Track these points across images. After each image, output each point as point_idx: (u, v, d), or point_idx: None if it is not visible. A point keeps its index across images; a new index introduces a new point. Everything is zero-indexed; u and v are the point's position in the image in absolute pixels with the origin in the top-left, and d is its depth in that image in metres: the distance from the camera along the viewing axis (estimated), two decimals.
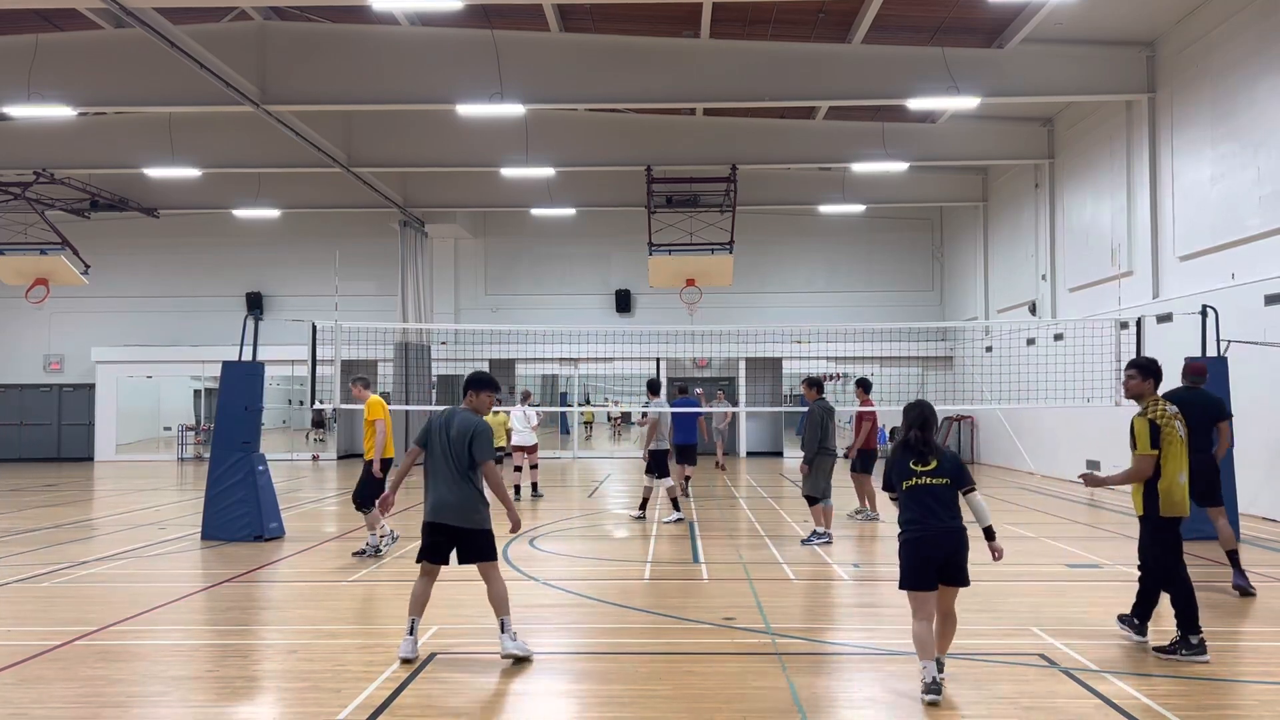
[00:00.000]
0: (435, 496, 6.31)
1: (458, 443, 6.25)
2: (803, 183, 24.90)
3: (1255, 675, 5.96)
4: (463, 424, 6.31)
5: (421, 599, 6.37)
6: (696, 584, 8.95)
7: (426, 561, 6.40)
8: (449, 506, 6.25)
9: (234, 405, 11.94)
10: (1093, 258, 18.80)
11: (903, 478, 5.56)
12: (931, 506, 5.46)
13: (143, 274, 28.39)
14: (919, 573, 5.45)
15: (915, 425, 5.64)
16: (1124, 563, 9.65)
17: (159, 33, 13.67)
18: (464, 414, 6.40)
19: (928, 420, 5.67)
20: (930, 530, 5.43)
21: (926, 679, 5.35)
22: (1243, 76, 14.19)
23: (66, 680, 5.89)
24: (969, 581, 5.51)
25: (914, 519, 5.50)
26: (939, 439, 5.75)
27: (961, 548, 5.47)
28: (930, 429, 5.65)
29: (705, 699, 5.46)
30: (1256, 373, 12.87)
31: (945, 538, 5.43)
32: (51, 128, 20.54)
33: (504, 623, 6.25)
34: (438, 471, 6.31)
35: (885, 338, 24.98)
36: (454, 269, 28.64)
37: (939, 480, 5.50)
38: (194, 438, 28.07)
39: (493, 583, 6.32)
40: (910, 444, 5.61)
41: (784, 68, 16.93)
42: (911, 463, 5.55)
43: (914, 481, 5.52)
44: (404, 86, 16.91)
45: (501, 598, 6.31)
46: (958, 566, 5.45)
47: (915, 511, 5.50)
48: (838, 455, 11.50)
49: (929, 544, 5.43)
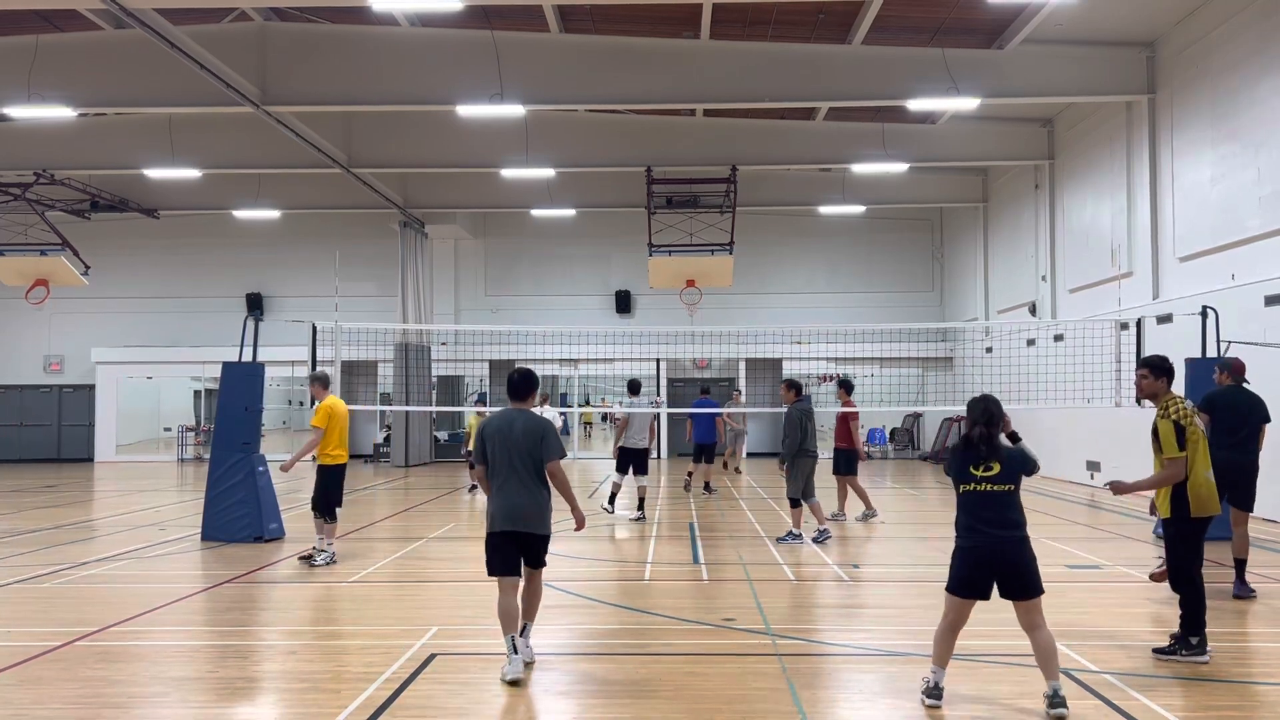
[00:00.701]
0: (508, 503, 6.01)
1: (527, 444, 6.04)
2: (803, 183, 24.90)
3: (1255, 675, 5.96)
4: (529, 424, 6.11)
5: (513, 614, 5.98)
6: (696, 584, 8.95)
7: (507, 576, 6.04)
8: (526, 513, 6.01)
9: (234, 406, 11.94)
10: (1093, 258, 18.79)
11: (960, 481, 5.23)
12: (988, 515, 5.12)
13: (143, 274, 28.38)
14: (968, 582, 5.17)
15: (980, 421, 5.23)
16: (1124, 564, 9.66)
17: (159, 33, 13.67)
18: (525, 414, 6.21)
19: (994, 416, 5.25)
20: (986, 541, 5.12)
21: (931, 683, 5.26)
22: (1243, 77, 14.19)
23: (66, 681, 5.88)
24: (1041, 589, 5.14)
25: (969, 527, 5.19)
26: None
27: (1022, 558, 5.11)
28: (996, 425, 5.25)
29: (705, 699, 5.46)
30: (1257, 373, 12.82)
31: (1002, 550, 5.10)
32: (51, 128, 20.53)
33: (525, 627, 6.20)
34: (507, 478, 6.03)
35: (885, 338, 24.99)
36: (454, 270, 28.64)
37: (1000, 486, 5.13)
38: (194, 438, 28.07)
39: (539, 588, 6.30)
40: (973, 442, 5.22)
41: (784, 68, 16.93)
42: (971, 466, 5.19)
43: (971, 487, 5.18)
44: (404, 87, 16.91)
45: (537, 603, 6.30)
46: (1020, 579, 5.09)
47: (970, 519, 5.18)
48: (818, 456, 11.56)
49: (984, 556, 5.13)
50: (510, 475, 6.03)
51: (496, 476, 6.07)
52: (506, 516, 6.01)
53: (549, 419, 6.36)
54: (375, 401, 25.56)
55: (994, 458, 5.17)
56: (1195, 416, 6.39)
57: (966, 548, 5.21)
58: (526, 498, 6.02)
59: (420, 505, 15.82)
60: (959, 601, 5.24)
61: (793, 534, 11.23)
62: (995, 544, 5.12)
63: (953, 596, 5.25)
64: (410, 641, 6.70)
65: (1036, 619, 5.12)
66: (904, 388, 26.86)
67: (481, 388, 29.02)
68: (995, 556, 5.12)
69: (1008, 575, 5.11)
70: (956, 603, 5.24)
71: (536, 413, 6.34)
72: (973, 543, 5.18)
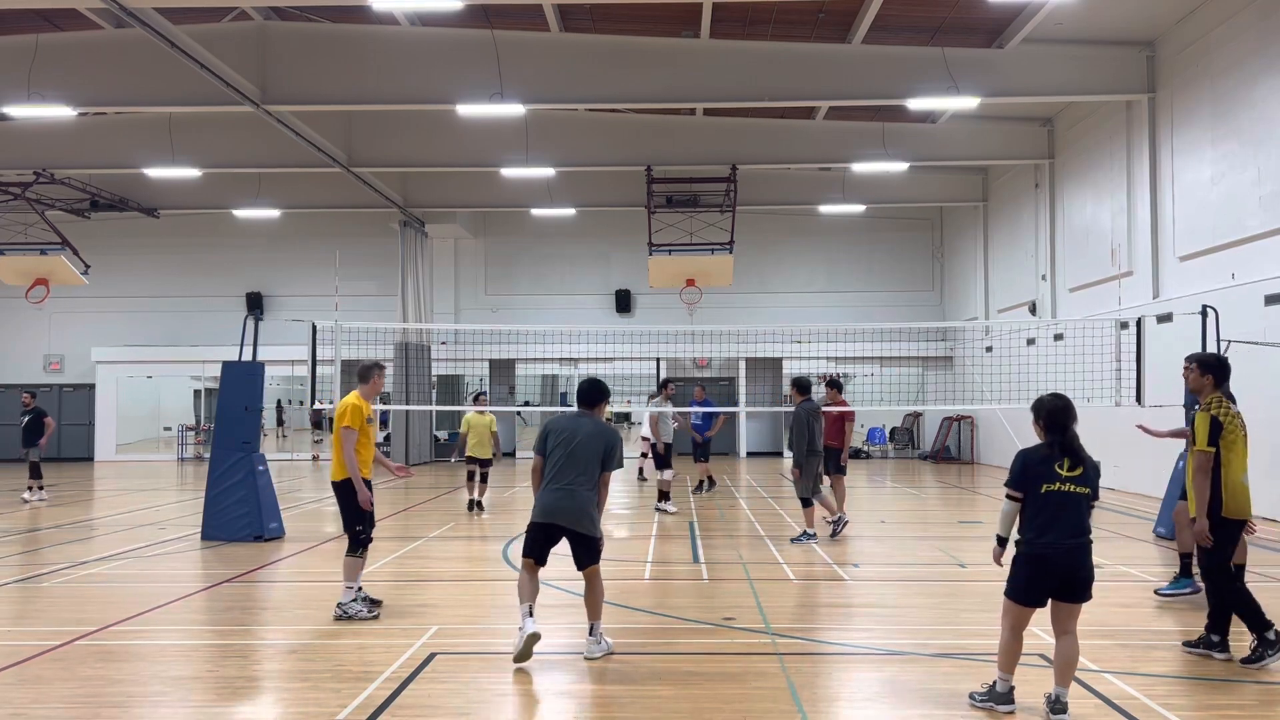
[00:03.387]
0: (552, 499, 6.26)
1: (593, 448, 6.27)
2: (803, 183, 24.90)
3: (1255, 675, 5.95)
4: (599, 431, 6.36)
5: (532, 588, 6.27)
6: (696, 584, 8.95)
7: (533, 559, 6.32)
8: (566, 510, 6.22)
9: (234, 405, 11.94)
10: (1093, 258, 18.79)
11: (1043, 481, 5.00)
12: (1067, 518, 4.95)
13: (143, 274, 28.38)
14: (1033, 589, 5.00)
15: (1070, 422, 5.07)
16: (1125, 563, 9.66)
17: (159, 33, 13.67)
18: (596, 421, 6.46)
19: (1075, 416, 5.11)
20: (1061, 547, 4.93)
21: (1001, 689, 5.10)
22: (1243, 76, 14.18)
23: (66, 680, 5.88)
24: (1090, 596, 5.03)
25: (1045, 528, 4.96)
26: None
27: (1088, 564, 4.98)
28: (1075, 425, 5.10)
29: (705, 699, 5.46)
30: (1256, 373, 12.86)
31: (1073, 555, 4.95)
32: (51, 128, 20.53)
33: (594, 627, 6.32)
34: (559, 475, 6.26)
35: (885, 338, 24.99)
36: (454, 269, 28.64)
37: (1082, 489, 4.99)
38: (194, 438, 28.07)
39: (597, 587, 6.36)
40: (1063, 445, 5.04)
41: (784, 68, 16.93)
42: (1056, 465, 4.99)
43: (1056, 486, 4.97)
44: (404, 86, 16.91)
45: (599, 602, 6.35)
46: (1081, 583, 4.97)
47: (1047, 520, 4.96)
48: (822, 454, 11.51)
49: (1055, 561, 4.94)
50: (562, 474, 6.26)
51: (549, 472, 6.31)
52: (544, 510, 6.29)
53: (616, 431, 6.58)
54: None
55: (1079, 459, 5.03)
56: (1239, 419, 6.30)
57: (1038, 555, 4.97)
58: (569, 497, 6.24)
59: (420, 505, 15.82)
60: (1024, 610, 5.05)
61: (807, 534, 11.18)
62: (1068, 551, 4.95)
63: (1015, 605, 5.05)
64: (410, 641, 6.70)
65: (1072, 625, 5.05)
66: (904, 387, 26.85)
67: (481, 387, 29.04)
68: (1063, 563, 4.95)
69: (1071, 580, 4.97)
70: (1022, 611, 5.05)
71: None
72: (1044, 549, 4.95)
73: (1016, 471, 5.13)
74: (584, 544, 6.29)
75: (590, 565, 6.32)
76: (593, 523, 6.29)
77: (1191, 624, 7.29)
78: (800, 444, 11.15)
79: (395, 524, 13.54)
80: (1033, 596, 5.02)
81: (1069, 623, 5.03)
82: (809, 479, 11.15)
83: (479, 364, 28.01)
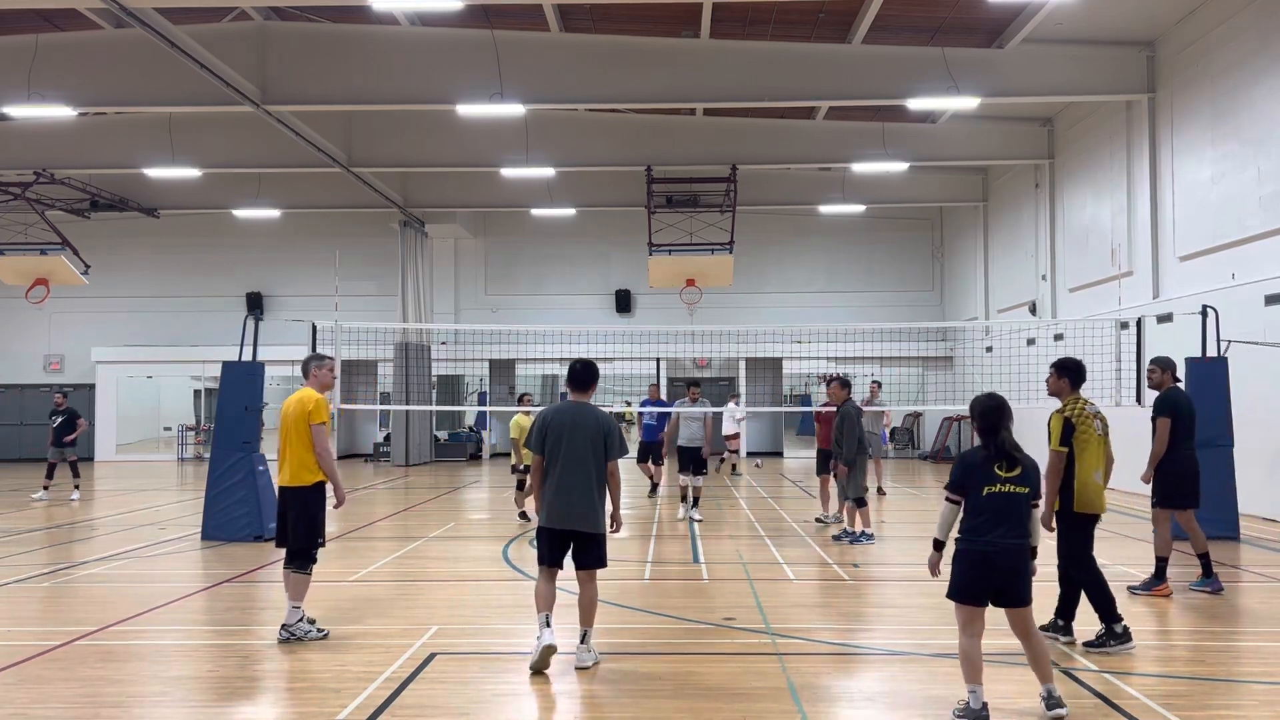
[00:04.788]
0: (567, 501, 6.00)
1: (593, 440, 6.02)
2: (803, 183, 24.90)
3: (1255, 675, 5.96)
4: (594, 419, 6.09)
5: (550, 596, 6.06)
6: (696, 584, 8.95)
7: (545, 566, 6.14)
8: (582, 513, 6.01)
9: (234, 405, 11.94)
10: (1093, 258, 18.80)
11: (984, 483, 5.05)
12: (1008, 519, 5.00)
13: (143, 274, 28.38)
14: (974, 586, 5.01)
15: (1005, 423, 5.12)
16: (1124, 563, 9.66)
17: (159, 33, 13.66)
18: (591, 409, 6.16)
19: (1009, 416, 5.17)
20: (997, 546, 4.98)
21: (974, 705, 4.94)
22: (1243, 76, 14.18)
23: (66, 680, 5.89)
24: (1031, 599, 5.08)
25: (981, 529, 5.02)
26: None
27: (1023, 566, 5.04)
28: (1010, 427, 5.15)
29: (705, 699, 5.46)
30: (1256, 373, 12.87)
31: (1010, 556, 4.99)
32: (51, 128, 20.53)
33: (585, 634, 6.12)
34: (568, 474, 6.00)
35: (885, 338, 24.98)
36: (454, 269, 28.64)
37: (1022, 489, 5.05)
38: (194, 438, 28.07)
39: (592, 589, 6.16)
40: (998, 447, 5.07)
41: (784, 68, 16.93)
42: (996, 466, 5.05)
43: (997, 488, 5.03)
44: (404, 86, 16.91)
45: (593, 606, 6.15)
46: (1016, 588, 5.00)
47: (985, 520, 5.02)
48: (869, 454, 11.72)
49: (992, 560, 4.98)
50: (567, 470, 6.01)
51: (554, 471, 6.05)
52: (558, 514, 6.03)
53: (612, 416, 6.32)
54: (375, 401, 25.51)
55: (1019, 461, 5.08)
56: (1095, 420, 6.65)
57: (974, 552, 5.02)
58: (581, 495, 6.01)
59: (420, 505, 15.82)
60: (966, 608, 5.04)
61: (865, 535, 11.07)
62: (1003, 551, 4.99)
63: (963, 606, 5.05)
64: (410, 641, 6.70)
65: (1031, 626, 5.10)
66: (904, 387, 26.85)
67: (481, 387, 29.05)
68: (1000, 563, 4.99)
69: (1007, 583, 5.00)
70: (970, 611, 5.04)
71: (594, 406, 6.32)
72: (982, 548, 5.00)
73: (957, 475, 5.18)
74: (591, 542, 6.11)
75: (592, 567, 6.13)
76: (600, 520, 6.09)
77: (1192, 624, 7.30)
78: (850, 443, 11.14)
79: (395, 524, 13.54)
80: (975, 595, 5.03)
81: (1028, 624, 5.10)
82: (861, 478, 11.19)
83: (479, 364, 28.03)
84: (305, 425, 6.84)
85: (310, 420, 6.84)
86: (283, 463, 6.92)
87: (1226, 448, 11.30)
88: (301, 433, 6.85)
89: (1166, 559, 8.16)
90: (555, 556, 6.13)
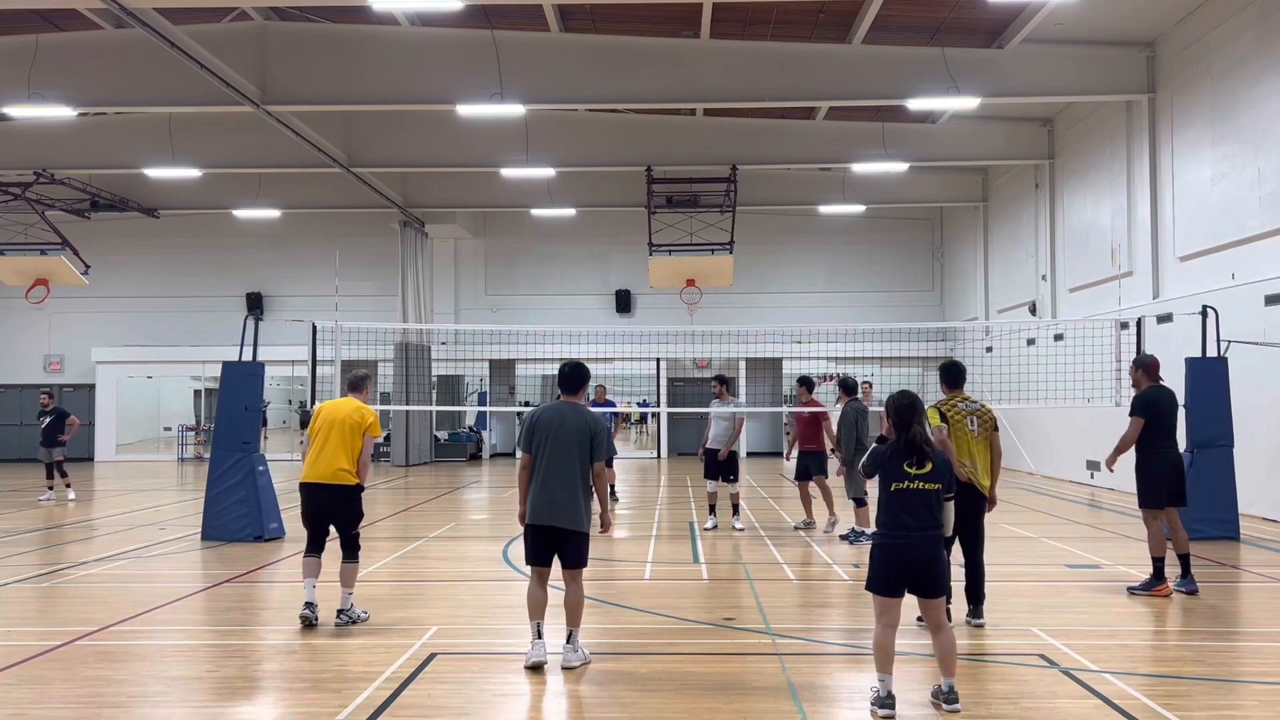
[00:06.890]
0: (548, 497, 6.04)
1: (579, 440, 6.06)
2: (803, 183, 24.90)
3: (1255, 675, 5.96)
4: (582, 420, 6.13)
5: (541, 601, 6.10)
6: (696, 584, 8.95)
7: (535, 566, 6.17)
8: (565, 509, 6.03)
9: (234, 405, 11.94)
10: (1093, 258, 18.79)
11: (892, 479, 5.22)
12: (917, 512, 5.15)
13: (143, 274, 28.39)
14: (890, 579, 5.15)
15: (916, 420, 5.29)
16: (1125, 563, 9.66)
17: (159, 33, 13.66)
18: (578, 409, 6.21)
19: (923, 414, 5.38)
20: (911, 539, 5.13)
21: (881, 693, 5.07)
22: (1243, 77, 14.18)
23: (66, 680, 5.88)
24: (947, 591, 5.27)
25: (895, 523, 5.17)
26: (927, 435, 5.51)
27: (938, 556, 5.19)
28: (924, 424, 5.36)
29: (705, 699, 5.46)
30: (1256, 373, 12.87)
31: (923, 547, 5.14)
32: (51, 128, 20.53)
33: (571, 634, 6.10)
34: (549, 472, 6.05)
35: (885, 338, 24.99)
36: (454, 269, 28.65)
37: (931, 485, 5.20)
38: (194, 438, 28.06)
39: (577, 589, 6.14)
40: (911, 443, 5.25)
41: (784, 68, 16.92)
42: (905, 464, 5.21)
43: (905, 485, 5.18)
44: (404, 86, 16.91)
45: (579, 607, 6.12)
46: (932, 577, 5.15)
47: (898, 515, 5.17)
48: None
49: (907, 552, 5.13)
50: (553, 469, 6.06)
51: (539, 468, 6.11)
52: (545, 511, 6.07)
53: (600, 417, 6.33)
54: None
55: (928, 458, 5.23)
56: (968, 417, 6.95)
57: (891, 545, 5.17)
58: (565, 493, 6.04)
59: (420, 505, 15.82)
60: (884, 600, 5.16)
61: (864, 533, 10.98)
62: (917, 543, 5.14)
63: (880, 597, 5.17)
64: (410, 641, 6.70)
65: (942, 617, 5.25)
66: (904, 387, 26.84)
67: (481, 387, 29.05)
68: (915, 555, 5.13)
69: (923, 573, 5.14)
70: (886, 602, 5.16)
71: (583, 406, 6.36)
72: (897, 540, 5.16)
73: (868, 465, 5.49)
74: (573, 541, 6.09)
75: (572, 567, 6.11)
76: (582, 518, 6.08)
77: (1192, 624, 7.30)
78: (849, 443, 11.15)
79: (395, 524, 13.55)
80: (891, 587, 5.16)
81: (940, 615, 5.23)
82: (859, 478, 11.13)
83: (479, 364, 28.03)
84: (358, 434, 7.34)
85: (368, 433, 7.38)
86: (316, 459, 7.30)
87: (1226, 448, 11.30)
88: (346, 437, 7.30)
89: (1163, 558, 8.15)
90: (540, 555, 6.14)
